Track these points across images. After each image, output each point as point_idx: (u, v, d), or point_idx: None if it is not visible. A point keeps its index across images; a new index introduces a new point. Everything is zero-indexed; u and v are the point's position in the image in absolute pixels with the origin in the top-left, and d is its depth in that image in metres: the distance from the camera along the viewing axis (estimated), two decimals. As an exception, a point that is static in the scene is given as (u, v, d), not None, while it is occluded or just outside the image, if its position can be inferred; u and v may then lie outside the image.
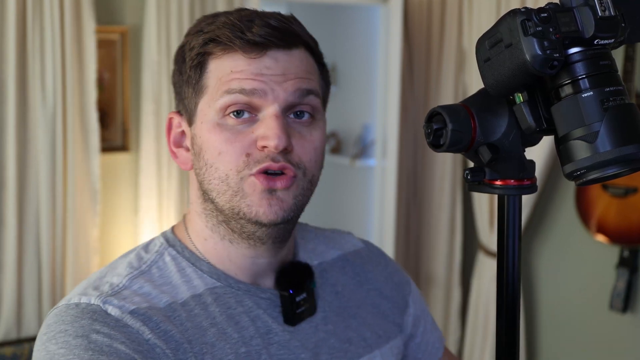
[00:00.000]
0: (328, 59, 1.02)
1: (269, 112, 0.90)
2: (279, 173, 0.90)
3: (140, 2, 2.92)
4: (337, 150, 4.35)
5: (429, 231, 3.58)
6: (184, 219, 1.01)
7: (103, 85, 2.91)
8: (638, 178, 2.72)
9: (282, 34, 0.91)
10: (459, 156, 3.39)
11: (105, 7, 2.89)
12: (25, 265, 2.71)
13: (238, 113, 0.91)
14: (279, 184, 0.90)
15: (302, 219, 1.02)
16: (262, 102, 0.90)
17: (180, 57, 0.97)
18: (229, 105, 0.91)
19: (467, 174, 0.77)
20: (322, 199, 4.47)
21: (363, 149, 4.15)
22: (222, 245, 0.96)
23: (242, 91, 0.90)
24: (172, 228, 1.02)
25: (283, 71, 0.91)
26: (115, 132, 2.98)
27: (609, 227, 2.85)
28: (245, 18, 0.92)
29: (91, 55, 2.76)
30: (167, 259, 0.96)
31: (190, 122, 0.96)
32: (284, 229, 0.95)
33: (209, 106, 0.92)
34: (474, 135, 0.76)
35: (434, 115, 0.78)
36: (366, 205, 4.27)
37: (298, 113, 0.93)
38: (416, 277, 3.63)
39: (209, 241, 0.97)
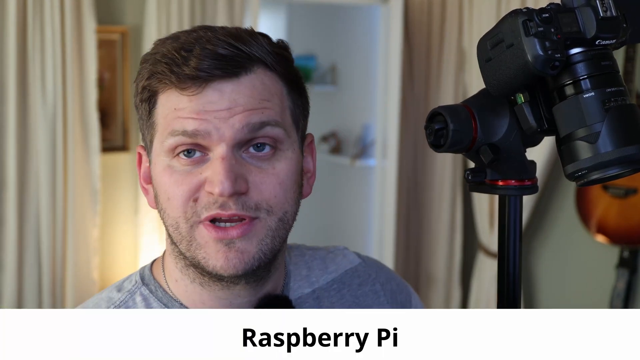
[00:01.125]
0: (328, 59, 0.99)
1: (217, 153, 0.80)
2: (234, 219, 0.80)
3: (140, 2, 2.92)
4: (337, 150, 4.35)
5: (429, 231, 3.57)
6: (163, 254, 0.94)
7: (103, 85, 2.91)
8: (638, 178, 2.72)
9: (227, 61, 0.80)
10: (459, 156, 3.39)
11: (106, 7, 2.89)
12: (25, 265, 2.71)
13: (189, 152, 0.82)
14: (234, 232, 0.81)
15: (303, 221, 0.96)
16: (207, 142, 0.80)
17: (135, 88, 0.87)
18: (175, 147, 0.82)
19: (468, 175, 0.77)
20: (322, 199, 4.47)
21: (363, 149, 4.15)
22: (193, 288, 0.88)
23: (184, 133, 0.80)
24: (152, 263, 0.95)
25: (229, 105, 0.80)
26: (116, 132, 2.98)
27: (609, 228, 2.85)
28: (186, 47, 0.81)
29: (91, 55, 2.75)
30: (138, 299, 0.90)
31: (149, 160, 0.88)
32: (257, 272, 0.85)
33: (160, 146, 0.84)
34: (475, 135, 0.76)
35: (435, 116, 0.77)
36: (366, 205, 4.26)
37: (259, 145, 0.82)
38: (416, 277, 3.63)
39: (179, 283, 0.89)
